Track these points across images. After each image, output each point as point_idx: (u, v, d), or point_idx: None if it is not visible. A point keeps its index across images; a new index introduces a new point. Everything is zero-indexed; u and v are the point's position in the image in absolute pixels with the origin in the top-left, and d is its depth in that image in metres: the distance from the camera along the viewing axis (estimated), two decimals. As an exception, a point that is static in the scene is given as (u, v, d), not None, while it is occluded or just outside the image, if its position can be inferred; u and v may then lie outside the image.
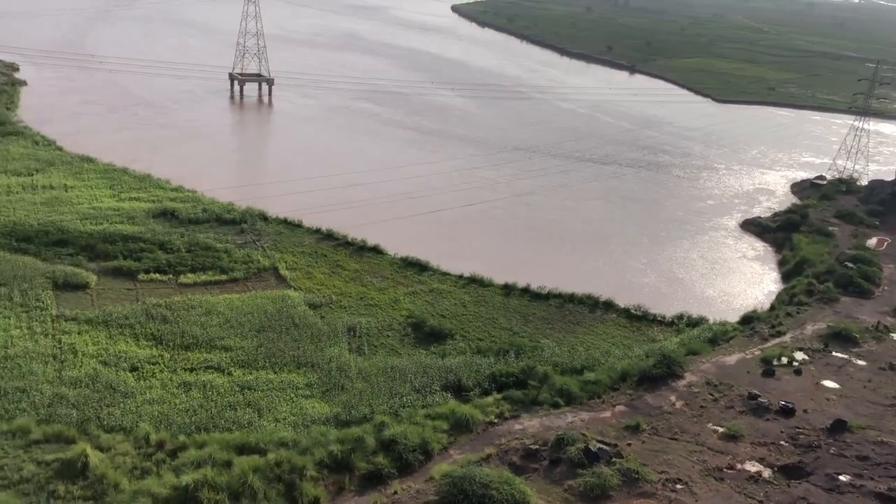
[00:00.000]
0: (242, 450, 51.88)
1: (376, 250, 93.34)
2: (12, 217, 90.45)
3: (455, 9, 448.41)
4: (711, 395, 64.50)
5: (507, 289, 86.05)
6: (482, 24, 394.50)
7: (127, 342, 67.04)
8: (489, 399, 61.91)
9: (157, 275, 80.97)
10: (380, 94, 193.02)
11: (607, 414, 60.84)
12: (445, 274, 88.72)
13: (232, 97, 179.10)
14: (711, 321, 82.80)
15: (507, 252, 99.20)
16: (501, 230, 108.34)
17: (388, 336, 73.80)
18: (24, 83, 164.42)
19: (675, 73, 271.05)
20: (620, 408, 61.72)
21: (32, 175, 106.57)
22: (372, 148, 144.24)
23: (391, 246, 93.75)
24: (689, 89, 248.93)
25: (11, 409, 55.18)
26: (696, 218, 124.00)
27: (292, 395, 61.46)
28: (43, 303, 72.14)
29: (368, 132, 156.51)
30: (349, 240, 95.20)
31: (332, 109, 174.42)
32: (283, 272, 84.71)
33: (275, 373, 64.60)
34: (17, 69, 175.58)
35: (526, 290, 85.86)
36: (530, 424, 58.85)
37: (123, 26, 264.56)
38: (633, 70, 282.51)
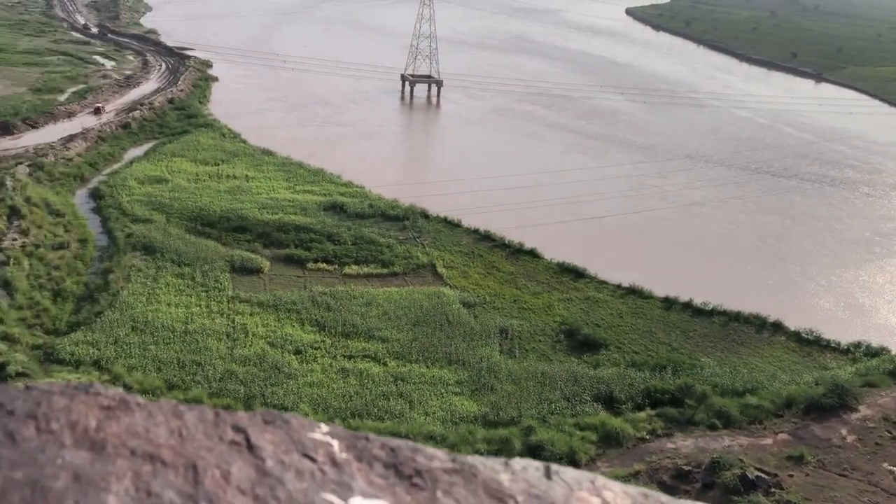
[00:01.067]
0: (392, 440, 53.13)
1: (533, 254, 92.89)
2: (199, 203, 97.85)
3: (629, 12, 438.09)
4: (889, 432, 59.01)
5: (668, 302, 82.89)
6: (657, 27, 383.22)
7: (293, 326, 70.73)
8: (642, 414, 59.95)
9: (324, 264, 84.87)
10: (546, 96, 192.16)
11: (768, 441, 57.17)
12: (603, 282, 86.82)
13: (403, 98, 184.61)
14: (894, 352, 75.89)
15: (670, 264, 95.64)
16: (666, 241, 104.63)
17: (539, 341, 73.27)
18: (216, 79, 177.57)
19: (867, 83, 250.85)
20: (783, 436, 57.80)
21: (218, 165, 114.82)
22: (535, 151, 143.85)
23: (548, 250, 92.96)
24: (883, 100, 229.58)
25: (188, 380, 59.78)
26: (886, 240, 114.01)
27: (442, 390, 62.40)
28: (221, 284, 77.57)
29: (532, 135, 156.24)
30: (506, 242, 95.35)
31: (498, 111, 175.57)
32: (440, 270, 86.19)
33: (427, 367, 65.82)
34: (210, 66, 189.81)
35: (688, 305, 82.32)
36: (684, 444, 56.38)
37: (308, 28, 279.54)
38: (819, 78, 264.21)
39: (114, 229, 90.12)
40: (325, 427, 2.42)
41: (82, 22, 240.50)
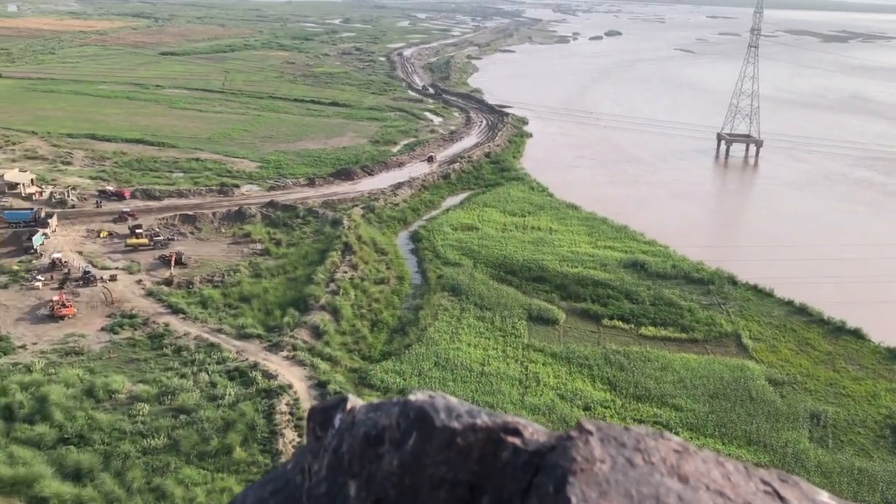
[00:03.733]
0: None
1: (857, 334, 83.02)
2: (504, 251, 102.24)
3: None
4: None
5: None
6: None
7: (584, 381, 70.43)
8: None
9: (620, 322, 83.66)
10: (887, 161, 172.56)
11: None
12: (945, 376, 74.77)
13: (717, 157, 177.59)
14: None
15: None
16: None
17: (859, 433, 64.86)
18: (530, 135, 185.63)
19: None
20: None
21: (525, 216, 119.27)
22: (869, 221, 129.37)
23: (877, 332, 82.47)
24: None
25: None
26: None
27: (738, 471, 57.68)
28: (518, 331, 79.92)
29: (867, 203, 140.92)
30: (825, 318, 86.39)
31: (825, 176, 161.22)
32: (746, 341, 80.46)
33: (723, 444, 61.46)
34: (526, 123, 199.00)
35: None
36: None
37: (622, 86, 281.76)
38: None
39: (427, 270, 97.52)
40: (826, 494, 2.67)
41: (418, 82, 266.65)
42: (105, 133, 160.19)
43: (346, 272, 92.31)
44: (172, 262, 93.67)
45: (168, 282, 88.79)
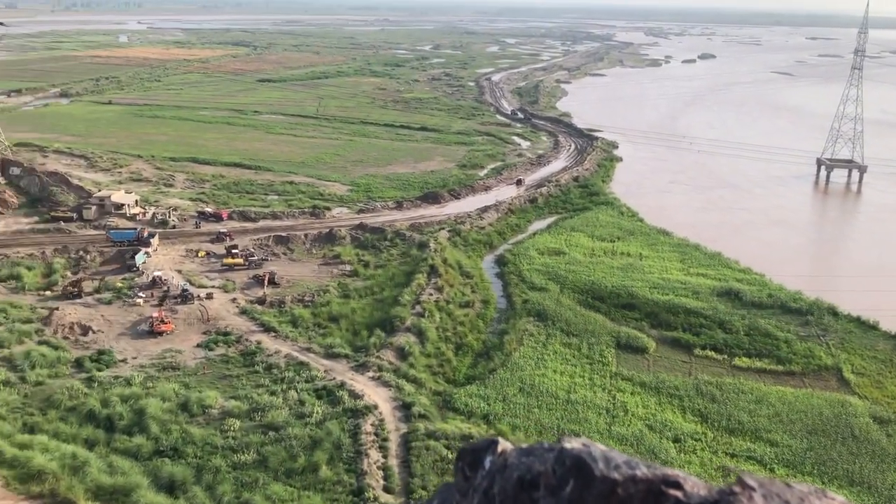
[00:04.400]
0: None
1: (974, 372, 77.76)
2: (591, 277, 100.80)
3: None
4: None
5: None
6: None
7: (674, 412, 68.40)
8: None
9: (712, 352, 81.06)
10: None
11: None
12: None
13: (817, 183, 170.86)
14: None
15: None
16: None
17: (975, 478, 60.50)
18: (620, 160, 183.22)
19: None
20: None
21: (614, 242, 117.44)
22: None
23: None
24: None
25: (564, 448, 61.04)
26: None
27: (840, 514, 54.67)
28: (605, 359, 78.44)
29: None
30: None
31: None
32: (847, 375, 76.55)
33: (823, 483, 58.39)
34: (616, 147, 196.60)
35: None
36: None
37: (717, 109, 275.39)
38: None
39: (512, 294, 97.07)
40: None
41: (507, 106, 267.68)
42: (205, 157, 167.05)
43: (431, 295, 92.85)
44: (266, 282, 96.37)
45: (261, 301, 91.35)
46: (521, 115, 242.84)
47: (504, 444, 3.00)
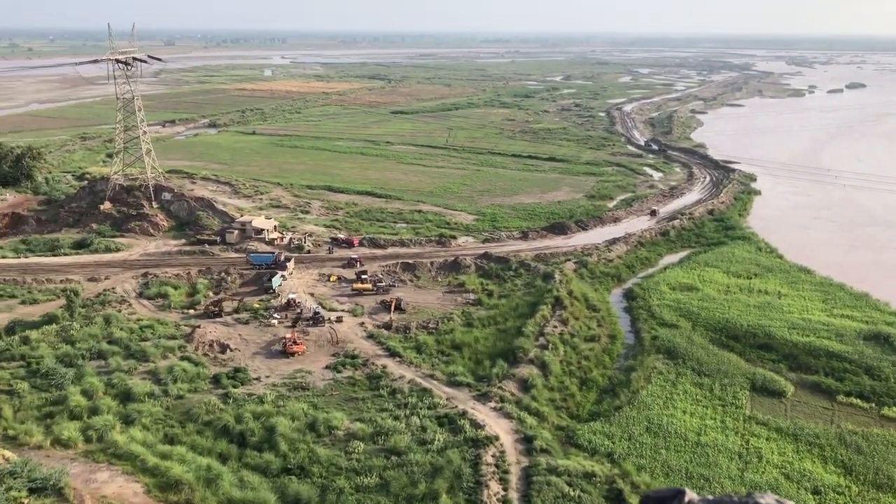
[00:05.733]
0: None
1: None
2: (726, 315, 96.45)
3: None
4: None
5: None
6: None
7: (814, 462, 64.07)
8: None
9: (858, 400, 75.50)
10: None
11: None
12: None
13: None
14: None
15: None
16: None
17: None
18: (758, 193, 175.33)
19: None
20: None
21: (750, 279, 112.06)
22: None
23: None
24: None
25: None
26: None
27: None
28: (738, 401, 74.59)
29: None
30: None
31: None
32: None
33: None
34: (754, 180, 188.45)
35: None
36: None
37: (865, 142, 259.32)
38: None
39: (641, 330, 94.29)
40: None
41: (638, 137, 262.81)
42: (339, 185, 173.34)
43: (556, 327, 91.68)
44: (392, 308, 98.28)
45: (388, 326, 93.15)
46: (654, 146, 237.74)
47: (691, 495, 2.87)
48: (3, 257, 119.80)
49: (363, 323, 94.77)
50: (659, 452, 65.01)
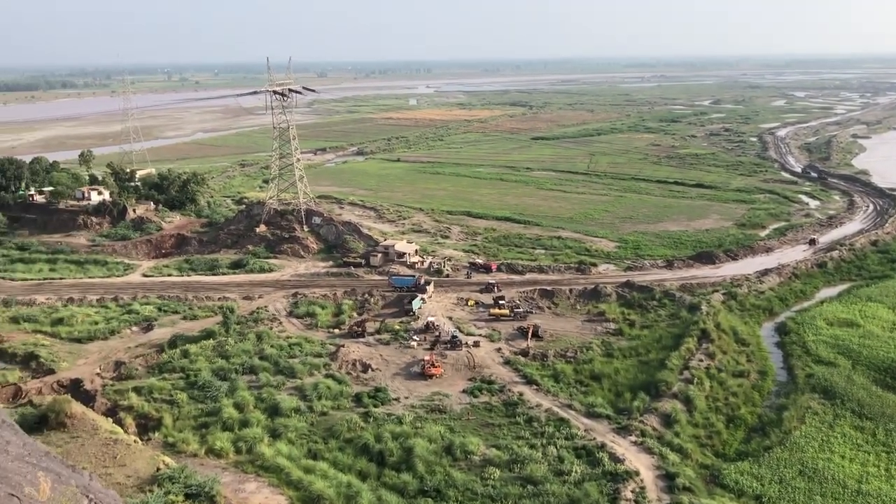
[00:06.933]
0: None
1: None
2: (891, 353, 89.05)
3: None
4: None
5: None
6: None
7: None
8: None
9: None
10: None
11: None
12: None
13: None
14: None
15: None
16: None
17: None
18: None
19: None
20: None
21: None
22: None
23: None
24: None
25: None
26: None
27: None
28: (906, 448, 68.46)
29: None
30: None
31: None
32: None
33: None
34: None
35: None
36: None
37: None
38: None
39: (794, 367, 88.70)
40: None
41: (793, 163, 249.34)
42: (479, 211, 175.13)
43: (701, 361, 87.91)
44: (530, 335, 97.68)
45: (525, 353, 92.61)
46: (812, 173, 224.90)
47: None
48: (169, 275, 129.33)
49: (500, 349, 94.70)
50: (813, 498, 60.66)
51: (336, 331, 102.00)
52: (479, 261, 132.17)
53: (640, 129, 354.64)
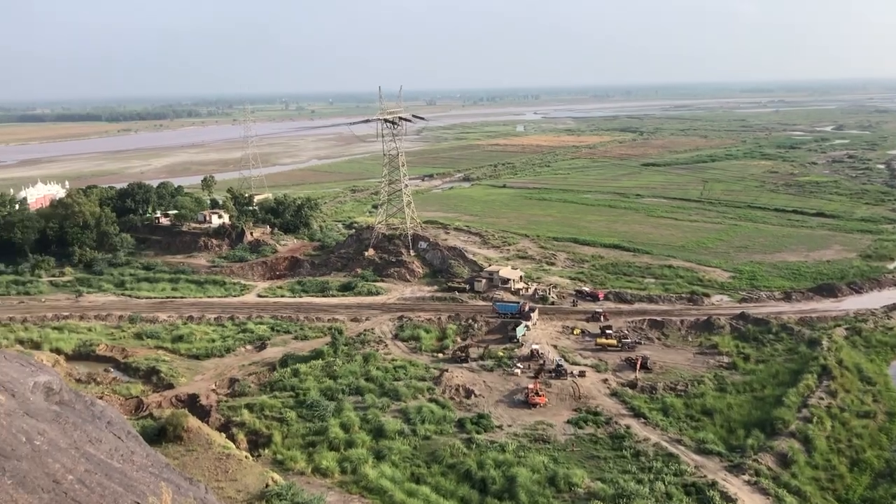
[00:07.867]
0: None
1: None
2: None
3: None
4: None
5: None
6: None
7: None
8: None
9: None
10: None
11: None
12: None
13: None
14: None
15: None
16: None
17: None
18: None
19: None
20: None
21: None
22: None
23: None
24: None
25: None
26: None
27: None
28: None
29: None
30: None
31: None
32: None
33: None
34: None
35: None
36: None
37: None
38: None
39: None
40: None
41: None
42: (586, 238, 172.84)
43: (822, 399, 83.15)
44: (638, 366, 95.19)
45: (633, 384, 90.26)
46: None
47: None
48: (282, 296, 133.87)
49: (606, 379, 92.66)
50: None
51: (440, 355, 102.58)
52: (586, 289, 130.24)
53: (756, 156, 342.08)
